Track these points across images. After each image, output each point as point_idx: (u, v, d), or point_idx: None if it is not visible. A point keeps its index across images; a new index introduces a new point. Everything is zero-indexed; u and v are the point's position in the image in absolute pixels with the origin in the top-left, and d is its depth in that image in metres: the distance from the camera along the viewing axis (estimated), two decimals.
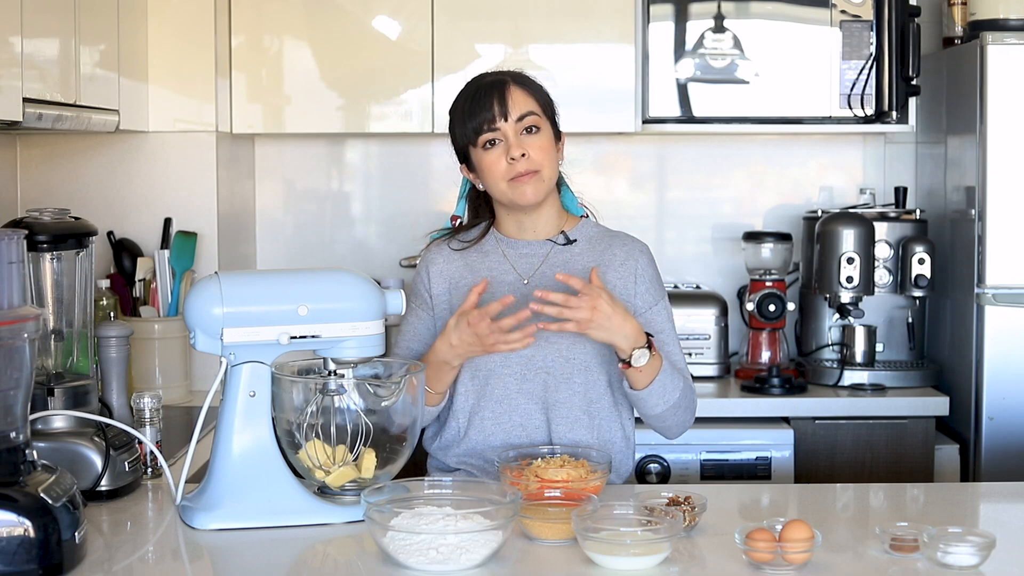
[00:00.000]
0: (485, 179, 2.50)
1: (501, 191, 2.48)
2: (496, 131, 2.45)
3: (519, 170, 2.44)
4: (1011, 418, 3.45)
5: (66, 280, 2.40)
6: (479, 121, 2.46)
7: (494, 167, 2.46)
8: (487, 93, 2.47)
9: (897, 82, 3.72)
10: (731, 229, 4.10)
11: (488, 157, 2.47)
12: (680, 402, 2.47)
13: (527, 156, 2.45)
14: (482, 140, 2.46)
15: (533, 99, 2.49)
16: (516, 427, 2.50)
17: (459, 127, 2.50)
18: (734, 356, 3.92)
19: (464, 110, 2.49)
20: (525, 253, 2.57)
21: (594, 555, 1.95)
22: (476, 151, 2.49)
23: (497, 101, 2.46)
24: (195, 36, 3.51)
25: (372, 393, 2.26)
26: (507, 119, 2.45)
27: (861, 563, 2.02)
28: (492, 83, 2.49)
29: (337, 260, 4.06)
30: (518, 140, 2.45)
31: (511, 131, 2.45)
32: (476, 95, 2.48)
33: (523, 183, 2.45)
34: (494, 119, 2.45)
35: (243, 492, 2.16)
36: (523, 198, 2.47)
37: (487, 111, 2.45)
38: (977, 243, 3.49)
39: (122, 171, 3.52)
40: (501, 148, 2.46)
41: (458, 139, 2.51)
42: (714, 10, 3.75)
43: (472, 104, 2.47)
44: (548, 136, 2.49)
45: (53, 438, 2.26)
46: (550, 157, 2.48)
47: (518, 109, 2.46)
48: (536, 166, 2.45)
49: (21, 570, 1.84)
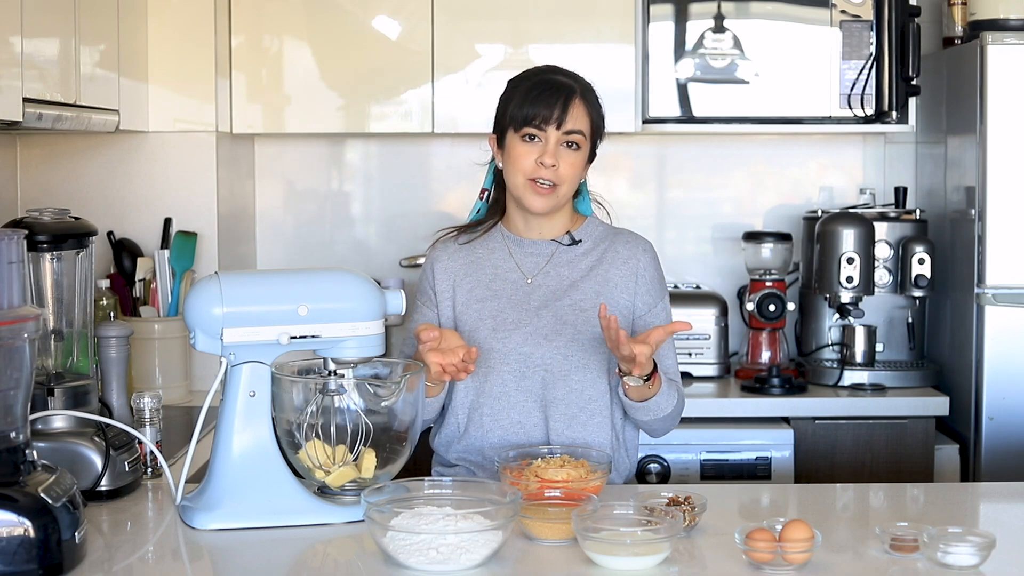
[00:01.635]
0: (508, 166, 2.52)
1: (516, 184, 2.51)
2: (542, 131, 2.48)
3: (541, 175, 2.47)
4: (1011, 418, 3.45)
5: (66, 280, 2.40)
6: (533, 114, 2.47)
7: (522, 160, 2.48)
8: (554, 93, 2.48)
9: (897, 82, 3.72)
10: (731, 229, 4.10)
11: (521, 147, 2.49)
12: (670, 415, 2.50)
13: (557, 169, 2.47)
14: (525, 131, 2.48)
15: (588, 118, 2.51)
16: (514, 424, 2.50)
17: (513, 106, 2.50)
18: (734, 356, 3.92)
19: (526, 95, 2.49)
20: (530, 252, 2.58)
21: (594, 555, 1.95)
22: (513, 136, 2.50)
23: (560, 107, 2.47)
24: (195, 36, 3.51)
25: (372, 393, 2.26)
26: (559, 127, 2.47)
27: (861, 563, 2.02)
28: (563, 85, 2.50)
29: (337, 260, 4.06)
30: (556, 150, 2.47)
31: (555, 139, 2.48)
32: (543, 88, 2.49)
33: (539, 192, 2.48)
34: (549, 120, 2.47)
35: (243, 492, 2.15)
36: (533, 205, 2.50)
37: (546, 109, 2.47)
38: (977, 243, 3.49)
39: (122, 171, 3.52)
40: (537, 147, 2.48)
41: (506, 115, 2.51)
42: (714, 10, 3.75)
43: (537, 95, 2.48)
44: (583, 157, 2.52)
45: (53, 438, 2.26)
46: (575, 176, 2.51)
47: (572, 123, 2.48)
48: (559, 180, 2.48)
49: (21, 570, 1.84)
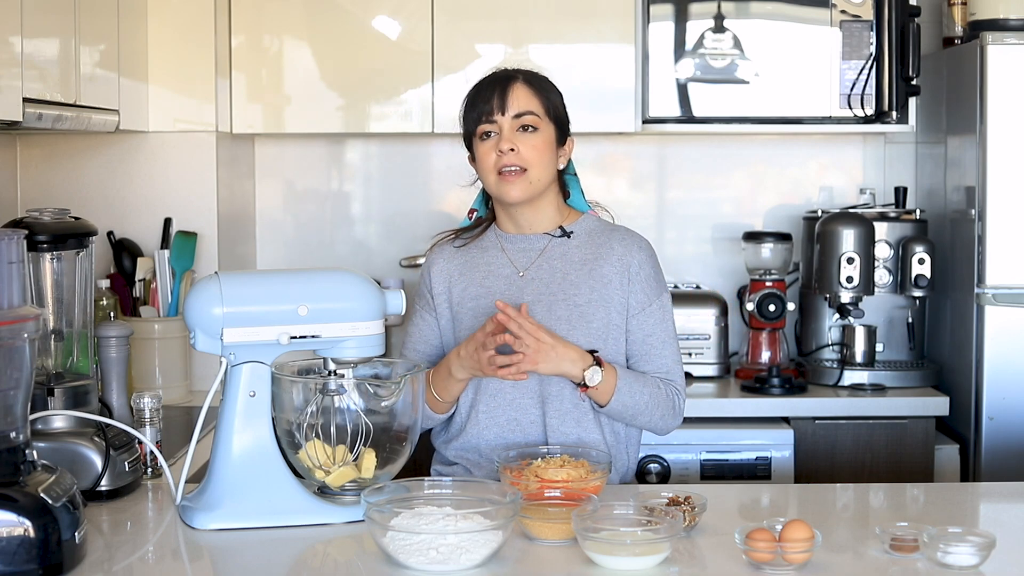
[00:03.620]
0: (479, 171, 2.56)
1: (490, 183, 2.54)
2: (493, 123, 2.51)
3: (504, 163, 2.49)
4: (1011, 418, 3.45)
5: (66, 280, 2.40)
6: (479, 112, 2.52)
7: (485, 158, 2.52)
8: (491, 87, 2.53)
9: (897, 82, 3.72)
10: (731, 229, 4.10)
11: (482, 148, 2.53)
12: (651, 402, 2.49)
13: (516, 152, 2.49)
14: (480, 131, 2.52)
15: (537, 99, 2.53)
16: (511, 421, 2.52)
17: (465, 115, 2.56)
18: (734, 356, 3.92)
19: (471, 100, 2.55)
20: (522, 247, 2.59)
21: (594, 555, 1.95)
22: (476, 141, 2.54)
23: (498, 95, 2.51)
24: (195, 36, 3.51)
25: (372, 393, 2.26)
26: (504, 113, 2.50)
27: (861, 563, 2.02)
28: (500, 78, 2.55)
29: (337, 260, 4.06)
30: (512, 135, 2.50)
31: (507, 126, 2.51)
32: (482, 87, 2.55)
33: (509, 181, 2.50)
34: (492, 112, 2.51)
35: (243, 492, 2.16)
36: (507, 195, 2.51)
37: (487, 103, 2.51)
38: (977, 243, 3.49)
39: (122, 171, 3.52)
40: (494, 141, 2.51)
41: (464, 128, 2.57)
42: (714, 10, 3.75)
43: (477, 95, 2.54)
44: (545, 138, 2.52)
45: (53, 438, 2.26)
46: (543, 158, 2.51)
47: (517, 106, 2.51)
48: (524, 164, 2.49)
49: (21, 570, 1.84)
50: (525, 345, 2.38)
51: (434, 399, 2.52)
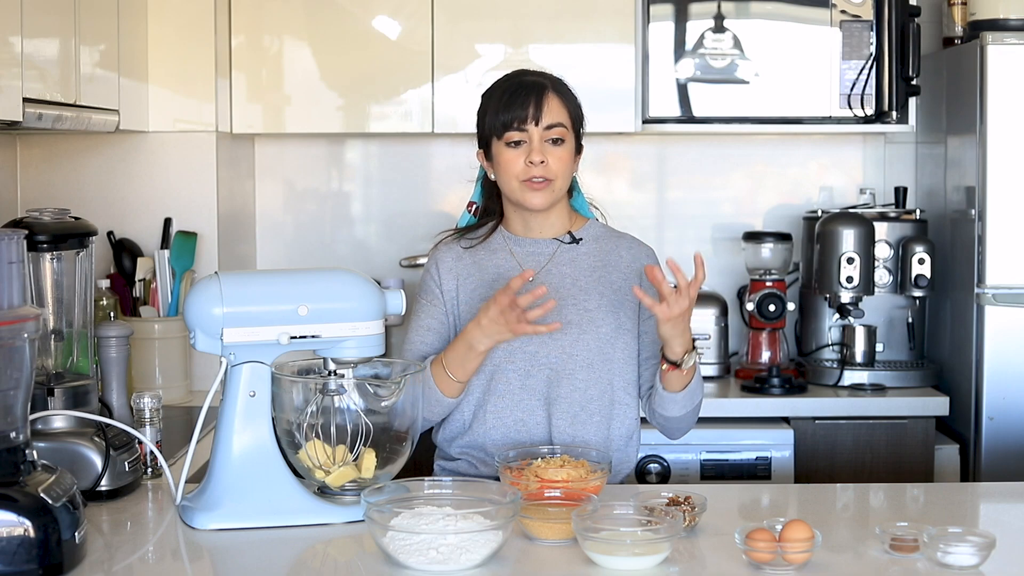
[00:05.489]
0: (499, 174, 2.53)
1: (512, 189, 2.52)
2: (524, 132, 2.49)
3: (534, 174, 2.48)
4: (1011, 418, 3.45)
5: (66, 280, 2.40)
6: (511, 118, 2.49)
7: (511, 165, 2.50)
8: (526, 93, 2.50)
9: (897, 82, 3.72)
10: (731, 229, 4.10)
11: (508, 154, 2.50)
12: (697, 407, 2.55)
13: (546, 164, 2.48)
14: (508, 137, 2.49)
15: (566, 110, 2.53)
16: (517, 422, 2.52)
17: (490, 117, 2.52)
18: (734, 356, 3.92)
19: (499, 102, 2.51)
20: (532, 251, 2.59)
21: (594, 555, 1.95)
22: (498, 144, 2.51)
23: (534, 104, 2.49)
24: (195, 36, 3.51)
25: (372, 393, 2.26)
26: (538, 124, 2.49)
27: (861, 563, 2.02)
28: (533, 84, 2.52)
29: (337, 260, 4.06)
30: (542, 147, 2.49)
31: (537, 136, 2.49)
32: (515, 91, 2.51)
33: (535, 189, 2.49)
34: (526, 120, 2.48)
35: (243, 492, 2.16)
36: (531, 203, 2.51)
37: (521, 111, 2.48)
38: (977, 243, 3.49)
39: (122, 171, 3.52)
40: (524, 149, 2.49)
41: (485, 127, 2.54)
42: (714, 10, 3.75)
43: (509, 99, 2.50)
44: (570, 149, 2.53)
45: (53, 438, 2.26)
46: (566, 169, 2.52)
47: (550, 117, 2.49)
48: (551, 175, 2.49)
49: (21, 570, 1.84)
50: (682, 299, 2.35)
51: (448, 381, 2.48)
